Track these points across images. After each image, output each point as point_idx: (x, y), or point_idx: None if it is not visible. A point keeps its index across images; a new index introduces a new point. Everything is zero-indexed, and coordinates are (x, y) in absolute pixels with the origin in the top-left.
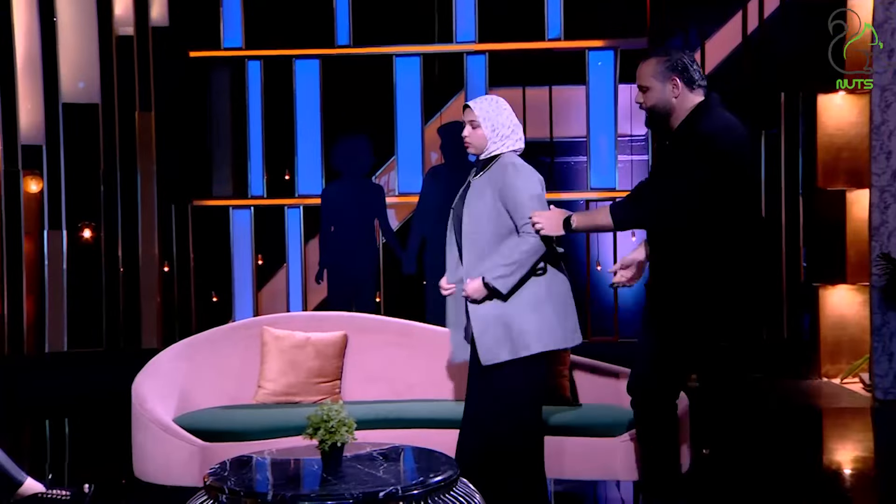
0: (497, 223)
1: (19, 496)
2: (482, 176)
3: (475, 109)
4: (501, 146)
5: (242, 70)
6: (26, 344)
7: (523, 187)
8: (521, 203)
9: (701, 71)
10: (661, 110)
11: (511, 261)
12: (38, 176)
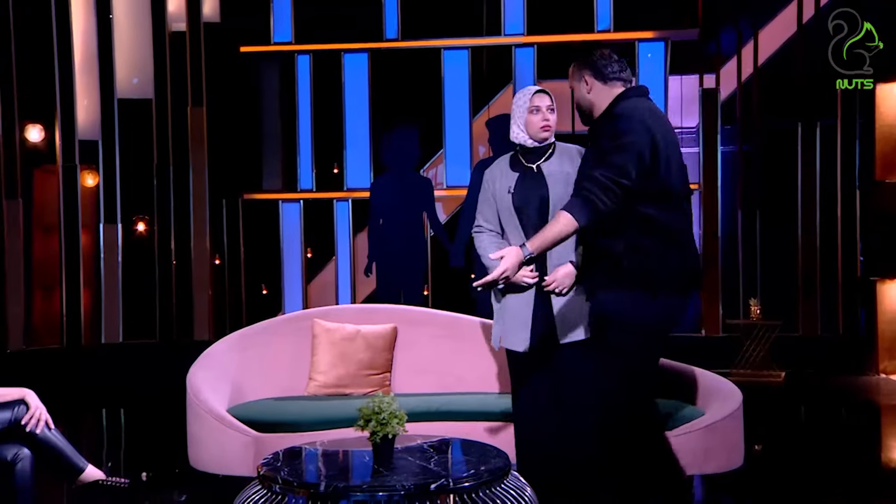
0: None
1: (80, 482)
2: (549, 161)
3: (552, 96)
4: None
5: (292, 64)
6: (84, 336)
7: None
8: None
9: (622, 64)
10: (583, 108)
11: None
12: (95, 171)
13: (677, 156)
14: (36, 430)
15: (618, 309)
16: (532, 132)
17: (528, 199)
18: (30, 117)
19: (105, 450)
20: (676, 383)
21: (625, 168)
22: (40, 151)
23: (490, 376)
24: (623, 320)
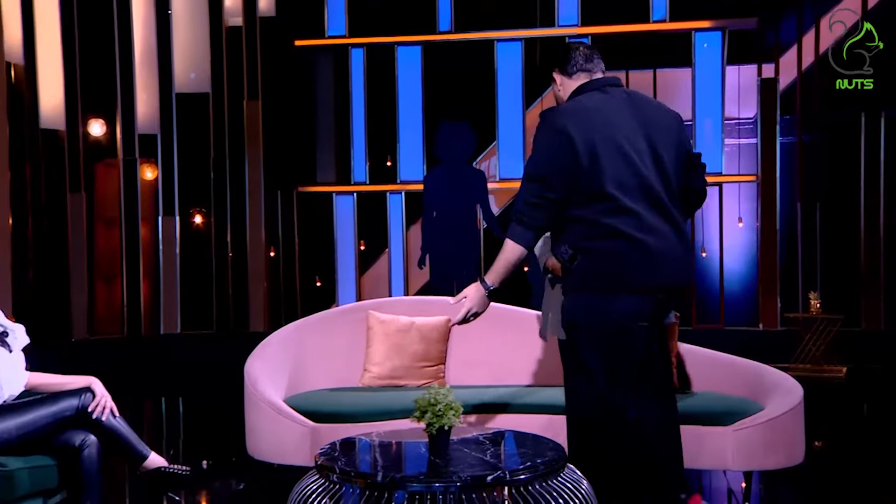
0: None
1: (144, 469)
2: None
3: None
4: None
5: (346, 58)
6: (143, 326)
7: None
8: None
9: (589, 55)
10: (558, 105)
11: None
12: (154, 164)
13: (622, 153)
14: (102, 418)
15: (569, 310)
16: None
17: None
18: (92, 112)
19: (164, 438)
20: (734, 377)
21: (547, 181)
22: (102, 145)
23: (543, 368)
24: (573, 321)
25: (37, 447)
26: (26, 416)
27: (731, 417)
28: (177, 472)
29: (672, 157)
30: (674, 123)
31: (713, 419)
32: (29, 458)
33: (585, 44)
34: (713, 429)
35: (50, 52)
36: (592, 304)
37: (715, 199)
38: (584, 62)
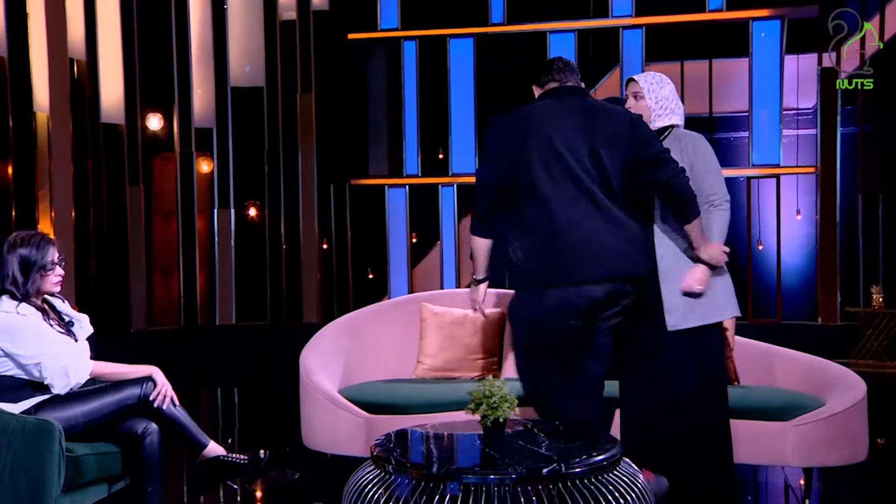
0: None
1: (203, 457)
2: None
3: (640, 81)
4: (666, 119)
5: (398, 50)
6: (199, 317)
7: (712, 159)
8: (713, 171)
9: (561, 67)
10: None
11: (717, 235)
12: (209, 157)
13: (554, 150)
14: (163, 406)
15: (510, 305)
16: None
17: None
18: (150, 107)
19: (220, 427)
20: (793, 372)
21: (484, 172)
22: (159, 139)
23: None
24: (510, 316)
25: (101, 434)
26: (92, 403)
27: (791, 412)
28: (235, 460)
29: (616, 156)
30: (625, 127)
31: (772, 414)
32: (94, 445)
33: (563, 58)
34: (772, 424)
35: (111, 48)
36: (514, 303)
37: (772, 191)
38: (556, 73)
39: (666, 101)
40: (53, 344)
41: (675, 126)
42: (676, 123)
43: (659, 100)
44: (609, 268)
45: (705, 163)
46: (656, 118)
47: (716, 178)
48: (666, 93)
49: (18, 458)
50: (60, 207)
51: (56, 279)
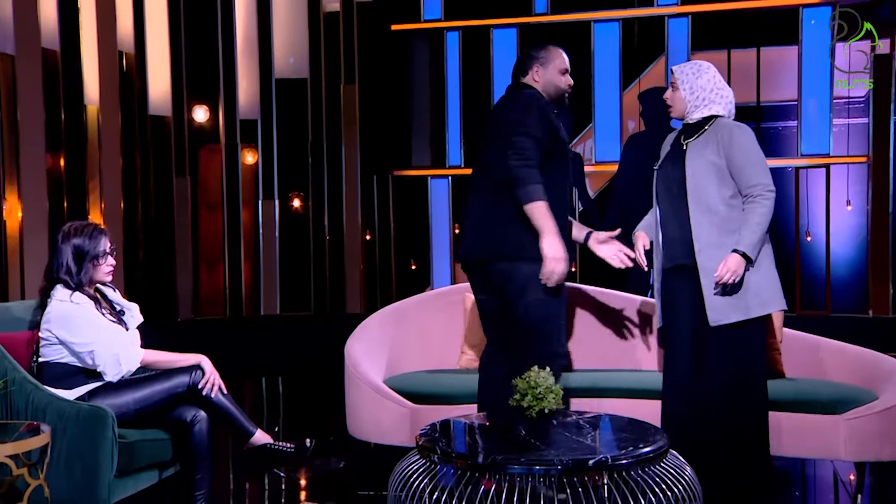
0: (721, 184)
1: (250, 445)
2: (699, 139)
3: (675, 72)
4: (705, 110)
5: (441, 41)
6: (244, 307)
7: (754, 149)
8: (752, 163)
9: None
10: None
11: (753, 227)
12: (254, 149)
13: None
14: (211, 395)
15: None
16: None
17: (666, 174)
18: (196, 98)
19: (265, 416)
20: (843, 365)
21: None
22: (205, 131)
23: (641, 353)
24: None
25: (152, 421)
26: (143, 391)
27: (843, 406)
28: (281, 449)
29: (492, 145)
30: (500, 116)
31: (822, 407)
32: (145, 432)
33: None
34: (823, 417)
35: (158, 41)
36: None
37: (821, 181)
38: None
39: (703, 91)
40: (106, 332)
41: (717, 116)
42: (718, 113)
43: (694, 90)
44: (461, 252)
45: (742, 153)
46: (693, 109)
47: (753, 170)
48: (703, 82)
49: (73, 443)
50: (110, 198)
51: (108, 269)
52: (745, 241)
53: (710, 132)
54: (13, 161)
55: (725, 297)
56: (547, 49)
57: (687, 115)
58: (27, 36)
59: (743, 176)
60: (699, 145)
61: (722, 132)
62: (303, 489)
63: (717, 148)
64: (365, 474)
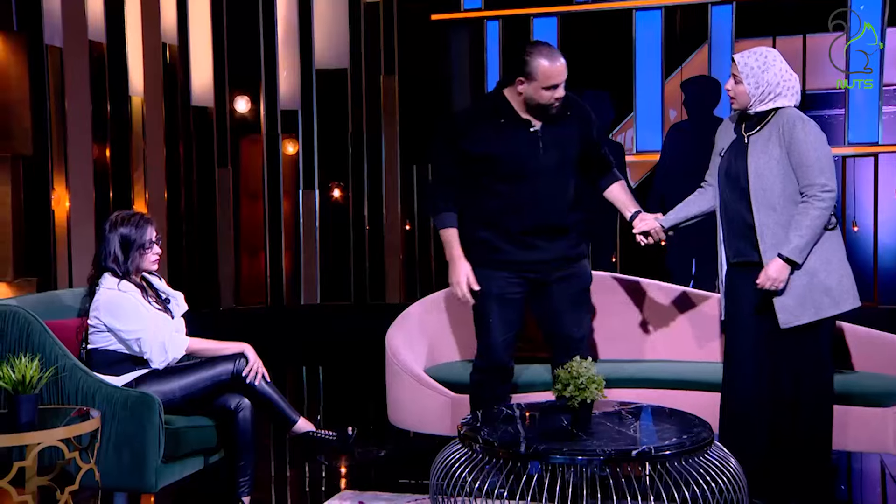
0: (785, 180)
1: (293, 433)
2: (761, 131)
3: (739, 64)
4: (771, 103)
5: (481, 31)
6: (285, 296)
7: (813, 146)
8: (808, 163)
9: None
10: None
11: (803, 230)
12: (295, 139)
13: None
14: (255, 382)
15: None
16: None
17: (731, 169)
18: (238, 89)
19: (306, 404)
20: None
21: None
22: (247, 121)
23: (679, 344)
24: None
25: (197, 408)
26: (188, 378)
27: (892, 399)
28: (324, 437)
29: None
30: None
31: (870, 400)
32: (191, 419)
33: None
34: (871, 410)
35: (201, 33)
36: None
37: (869, 170)
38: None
39: (770, 85)
40: (152, 320)
41: (780, 108)
42: (783, 105)
43: (760, 84)
44: None
45: (801, 149)
46: (758, 103)
47: (811, 168)
48: (770, 76)
49: (122, 428)
50: (154, 189)
51: (154, 257)
52: (790, 245)
53: (772, 123)
54: (61, 152)
55: (796, 297)
56: (535, 64)
57: (751, 108)
58: (75, 29)
59: (800, 174)
60: (762, 138)
61: (784, 129)
62: (344, 477)
63: (779, 141)
64: (406, 463)
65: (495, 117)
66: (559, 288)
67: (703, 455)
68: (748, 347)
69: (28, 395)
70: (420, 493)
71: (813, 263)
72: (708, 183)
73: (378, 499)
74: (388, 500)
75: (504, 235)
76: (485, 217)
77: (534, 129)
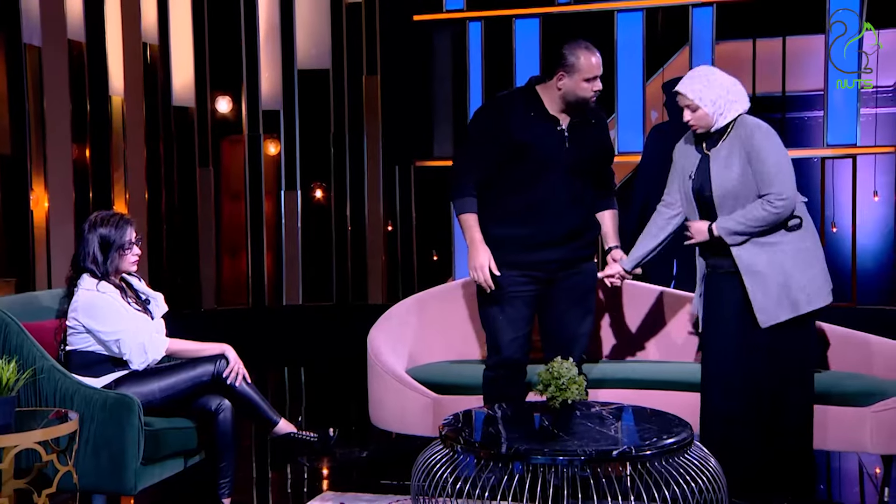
0: (748, 189)
1: (274, 435)
2: (722, 144)
3: (687, 93)
4: (729, 113)
5: (463, 31)
6: (267, 297)
7: (771, 152)
8: (766, 169)
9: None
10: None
11: (745, 220)
12: (277, 139)
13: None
14: (235, 383)
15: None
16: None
17: (694, 183)
18: (219, 89)
19: (288, 405)
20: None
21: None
22: (228, 122)
23: (662, 345)
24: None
25: (177, 410)
26: (168, 379)
27: (870, 398)
28: (305, 438)
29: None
30: None
31: (849, 399)
32: (171, 420)
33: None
34: (849, 409)
35: (181, 32)
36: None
37: (848, 171)
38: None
39: (721, 97)
40: (131, 321)
41: (737, 118)
42: (739, 112)
43: (714, 100)
44: None
45: (759, 158)
46: (719, 118)
47: (769, 177)
48: (718, 88)
49: (100, 430)
50: (134, 189)
51: (133, 258)
52: (725, 222)
53: (732, 136)
54: (40, 152)
55: (773, 297)
56: (577, 55)
57: (714, 126)
58: (53, 28)
59: (759, 180)
60: (723, 152)
61: (742, 136)
62: (325, 478)
63: (739, 152)
64: (388, 464)
65: (527, 109)
66: (566, 286)
67: (683, 455)
68: (730, 348)
69: (5, 398)
70: (402, 494)
71: (788, 265)
72: (666, 203)
73: (359, 500)
74: (370, 502)
75: (517, 234)
76: (500, 216)
77: (560, 128)
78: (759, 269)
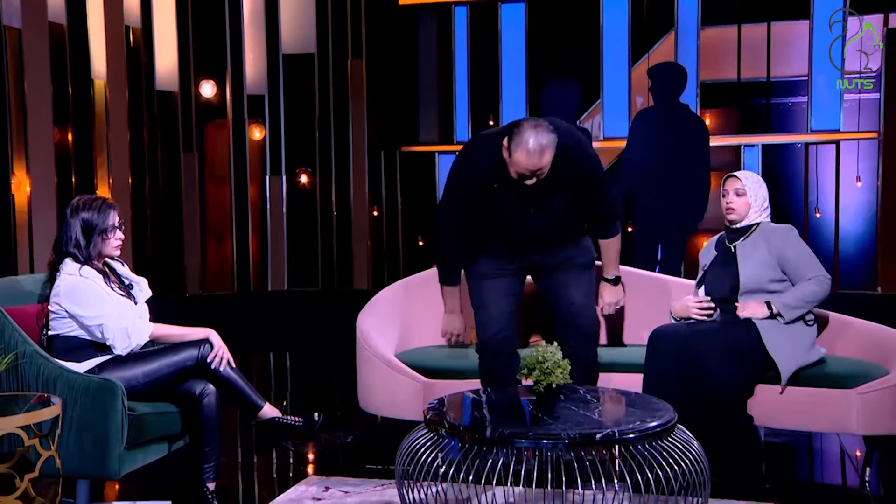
0: (773, 278)
1: (259, 419)
2: (746, 240)
3: (743, 179)
4: (761, 215)
5: (449, 16)
6: (252, 282)
7: (804, 246)
8: (805, 260)
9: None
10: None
11: (801, 294)
12: (261, 124)
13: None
14: (220, 368)
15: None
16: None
17: (715, 277)
18: (204, 74)
19: (273, 390)
20: (853, 340)
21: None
22: (213, 106)
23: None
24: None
25: (161, 395)
26: (152, 364)
27: (855, 380)
28: (290, 423)
29: None
30: None
31: (834, 381)
32: (155, 405)
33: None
34: (835, 391)
35: (165, 15)
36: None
37: (831, 157)
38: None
39: (765, 200)
40: (114, 306)
41: (761, 223)
42: (764, 220)
43: (757, 198)
44: None
45: (796, 253)
46: (753, 214)
47: (808, 265)
48: (764, 192)
49: (84, 415)
50: (118, 174)
51: (116, 243)
52: (783, 299)
53: (757, 234)
54: (21, 135)
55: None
56: (515, 146)
57: (745, 221)
58: (33, 9)
59: (798, 272)
60: (748, 246)
61: (772, 235)
62: (311, 463)
63: (767, 248)
64: (373, 448)
65: (489, 179)
66: (561, 266)
67: (666, 438)
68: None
69: None
70: (387, 479)
71: (798, 341)
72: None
73: (345, 484)
74: (355, 486)
75: (491, 248)
76: (484, 241)
77: (523, 193)
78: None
